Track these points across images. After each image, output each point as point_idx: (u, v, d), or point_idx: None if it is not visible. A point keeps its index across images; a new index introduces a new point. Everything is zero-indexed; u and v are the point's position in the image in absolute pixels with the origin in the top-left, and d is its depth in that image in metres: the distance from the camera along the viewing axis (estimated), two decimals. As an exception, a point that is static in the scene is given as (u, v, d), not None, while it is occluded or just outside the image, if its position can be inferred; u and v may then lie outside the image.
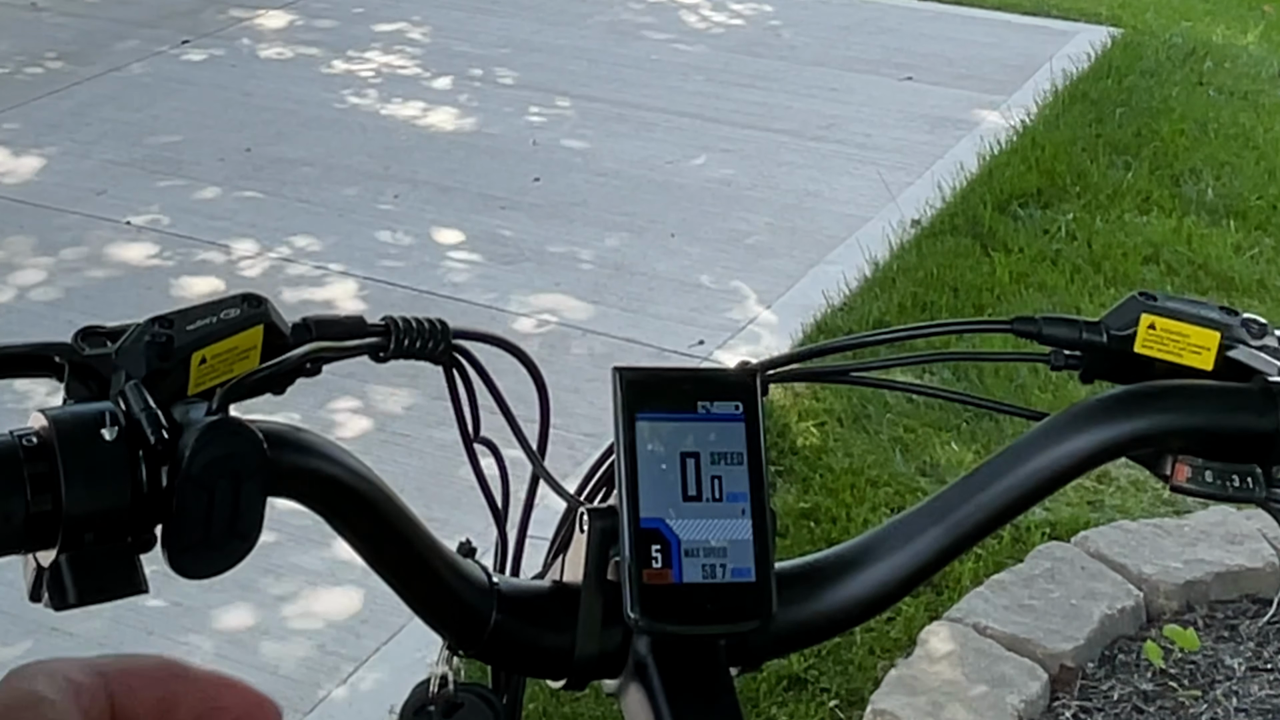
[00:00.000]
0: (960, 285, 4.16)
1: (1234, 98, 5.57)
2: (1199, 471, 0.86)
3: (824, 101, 5.59)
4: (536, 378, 0.88)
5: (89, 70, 5.72)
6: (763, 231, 4.59)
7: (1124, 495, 3.26)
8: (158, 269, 4.26)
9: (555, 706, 2.64)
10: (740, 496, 0.79)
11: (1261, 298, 4.16)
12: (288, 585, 3.00)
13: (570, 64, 5.90)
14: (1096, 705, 2.63)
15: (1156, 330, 0.88)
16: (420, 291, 4.15)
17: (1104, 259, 4.33)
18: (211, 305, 0.76)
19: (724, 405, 0.80)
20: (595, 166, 5.00)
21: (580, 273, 4.29)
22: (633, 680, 0.80)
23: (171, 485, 0.68)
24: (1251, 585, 2.90)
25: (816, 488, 3.28)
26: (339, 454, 0.75)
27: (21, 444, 0.67)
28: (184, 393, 0.74)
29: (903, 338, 0.96)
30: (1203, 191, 4.78)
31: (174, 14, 6.33)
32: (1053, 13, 6.57)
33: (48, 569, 0.68)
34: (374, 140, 5.15)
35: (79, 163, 4.93)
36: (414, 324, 0.82)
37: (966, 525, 0.85)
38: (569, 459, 3.12)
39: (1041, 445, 0.85)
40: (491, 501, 0.88)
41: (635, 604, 0.76)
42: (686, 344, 3.93)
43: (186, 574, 0.70)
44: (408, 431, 3.50)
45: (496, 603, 0.80)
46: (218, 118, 5.32)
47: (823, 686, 2.73)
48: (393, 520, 0.78)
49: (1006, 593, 2.83)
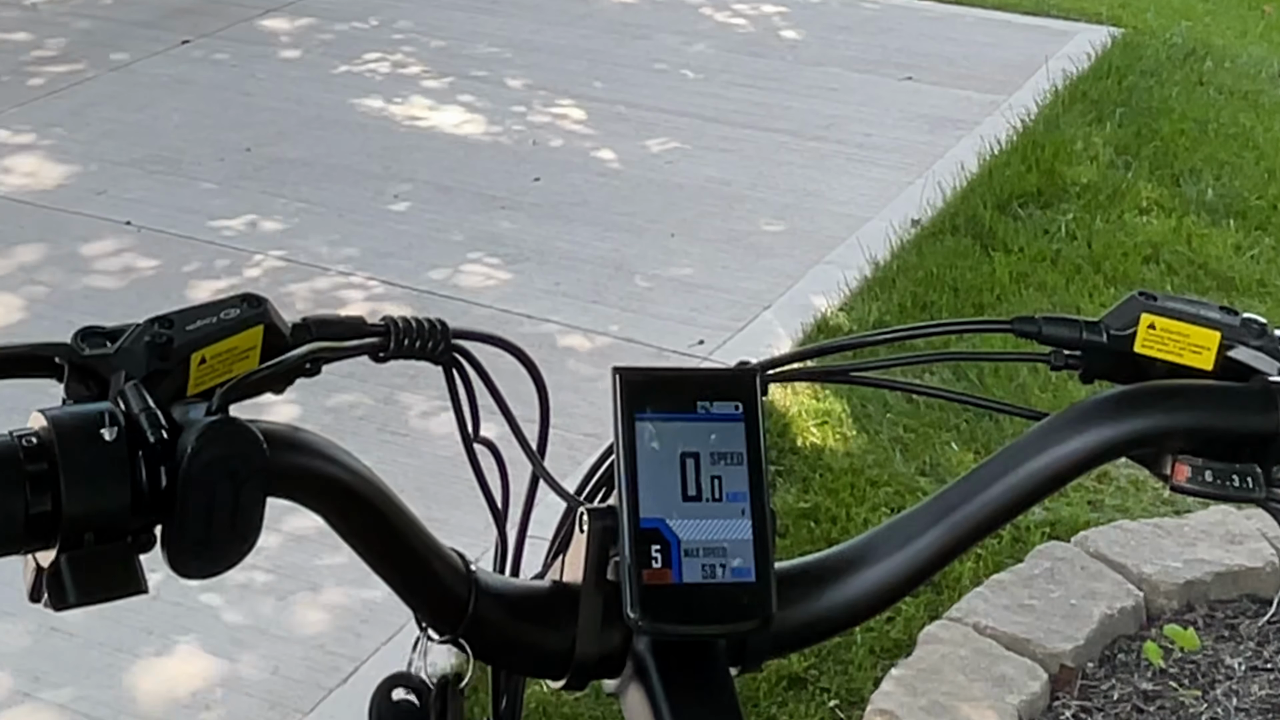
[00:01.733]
0: (960, 285, 4.16)
1: (1234, 97, 5.57)
2: (1199, 471, 0.86)
3: (824, 101, 5.59)
4: (536, 377, 0.88)
5: (89, 70, 5.72)
6: (762, 231, 4.59)
7: (1124, 495, 3.26)
8: (158, 269, 4.26)
9: (555, 706, 2.64)
10: (740, 496, 0.79)
11: (1261, 297, 4.16)
12: (289, 584, 3.00)
13: (570, 64, 5.90)
14: (1096, 705, 2.63)
15: (1157, 330, 0.88)
16: (420, 291, 4.15)
17: (1104, 259, 4.33)
18: (211, 306, 0.77)
19: (724, 405, 0.80)
20: (595, 166, 5.00)
21: (580, 272, 4.29)
22: (633, 680, 0.80)
23: (171, 485, 0.68)
24: (1251, 585, 2.90)
25: (816, 487, 3.28)
26: (339, 454, 0.75)
27: (21, 444, 0.67)
28: (184, 393, 0.75)
29: (903, 337, 0.96)
30: (1203, 191, 4.78)
31: (174, 14, 6.32)
32: (1053, 13, 6.57)
33: (47, 569, 0.68)
34: (374, 140, 5.15)
35: (79, 162, 4.93)
36: (414, 324, 0.82)
37: (966, 525, 0.85)
38: (569, 459, 3.12)
39: (1041, 445, 0.85)
40: (491, 501, 0.88)
41: (635, 604, 0.76)
42: (686, 344, 3.93)
43: (186, 574, 0.70)
44: (407, 431, 3.50)
45: (479, 594, 0.80)
46: (218, 117, 5.32)
47: (823, 686, 2.73)
48: (390, 519, 0.78)
49: (1006, 593, 2.82)
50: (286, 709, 2.72)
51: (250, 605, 2.95)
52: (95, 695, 2.73)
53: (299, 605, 2.97)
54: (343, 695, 2.75)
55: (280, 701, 2.73)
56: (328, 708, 2.72)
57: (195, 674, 2.79)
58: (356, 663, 2.82)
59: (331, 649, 2.86)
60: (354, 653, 2.84)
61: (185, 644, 2.85)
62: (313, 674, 2.80)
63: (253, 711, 2.71)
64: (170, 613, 2.91)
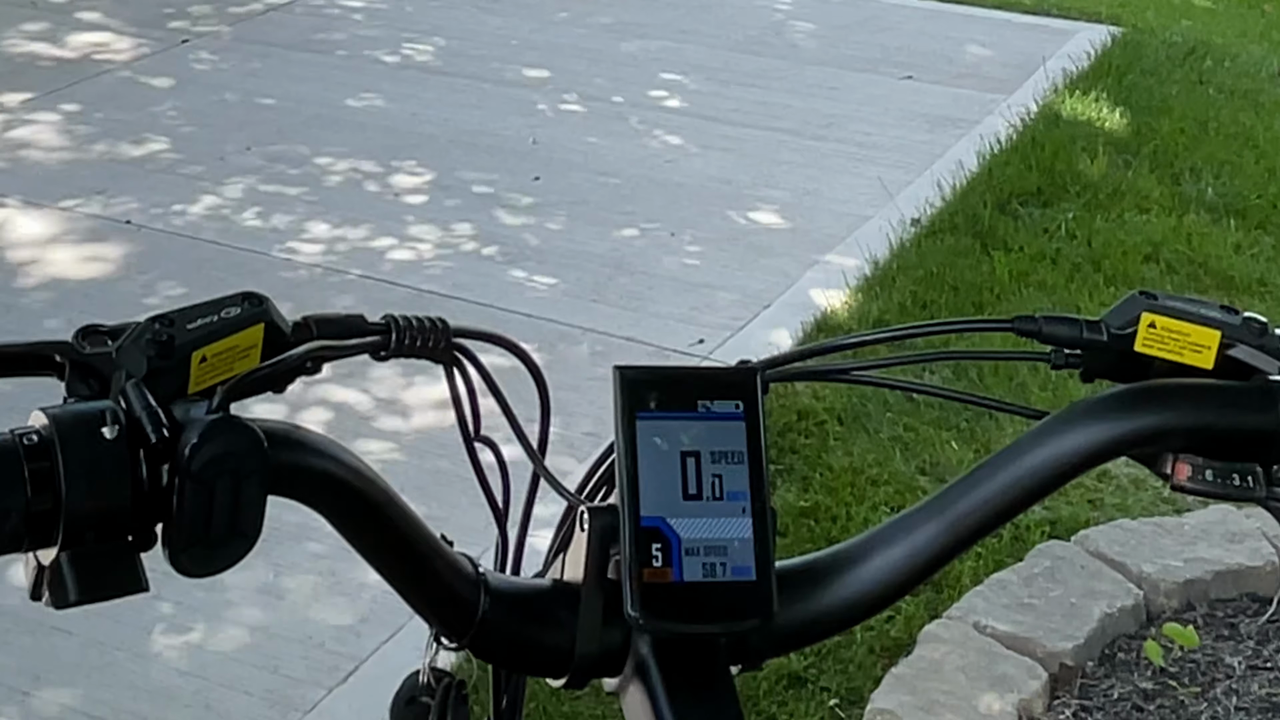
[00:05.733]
0: (960, 284, 4.16)
1: (1234, 96, 5.57)
2: (1199, 470, 0.86)
3: (824, 100, 5.59)
4: (537, 376, 0.88)
5: (89, 68, 5.71)
6: (763, 230, 4.59)
7: (1124, 494, 3.26)
8: (158, 268, 4.26)
9: (555, 705, 2.64)
10: (740, 495, 0.79)
11: (1262, 296, 4.16)
12: (289, 582, 3.00)
13: (570, 62, 5.90)
14: (1096, 704, 2.63)
15: (1157, 329, 0.88)
16: (420, 290, 4.15)
17: (1104, 258, 4.33)
18: (212, 304, 0.77)
19: (724, 404, 0.80)
20: (595, 165, 5.00)
21: (580, 271, 4.29)
22: (633, 679, 0.80)
23: (172, 483, 0.68)
24: (1251, 584, 2.90)
25: (816, 486, 3.28)
26: (340, 452, 0.75)
27: (22, 442, 0.67)
28: (184, 391, 0.75)
29: (903, 336, 0.96)
30: (1203, 190, 4.78)
31: (174, 13, 6.32)
32: (1053, 12, 6.57)
33: (48, 567, 0.68)
34: (374, 139, 5.15)
35: (79, 161, 4.93)
36: (414, 322, 0.82)
37: (967, 524, 0.85)
38: (569, 458, 3.12)
39: (1042, 444, 0.85)
40: (492, 500, 0.88)
41: (635, 602, 0.76)
42: (686, 343, 3.93)
43: (187, 572, 0.70)
44: (408, 430, 3.50)
45: (490, 599, 0.80)
46: (218, 116, 5.32)
47: (823, 685, 2.73)
48: (392, 518, 0.78)
49: (1006, 592, 2.82)
50: (286, 708, 2.72)
51: (250, 604, 2.95)
52: (95, 694, 2.73)
53: (299, 604, 2.97)
54: (343, 694, 2.75)
55: (280, 700, 2.73)
56: (328, 707, 2.72)
57: (195, 673, 2.79)
58: (357, 662, 2.82)
59: (332, 648, 2.86)
60: (354, 651, 2.84)
61: (185, 643, 2.85)
62: (313, 673, 2.80)
63: (253, 711, 2.71)
64: (170, 611, 2.91)
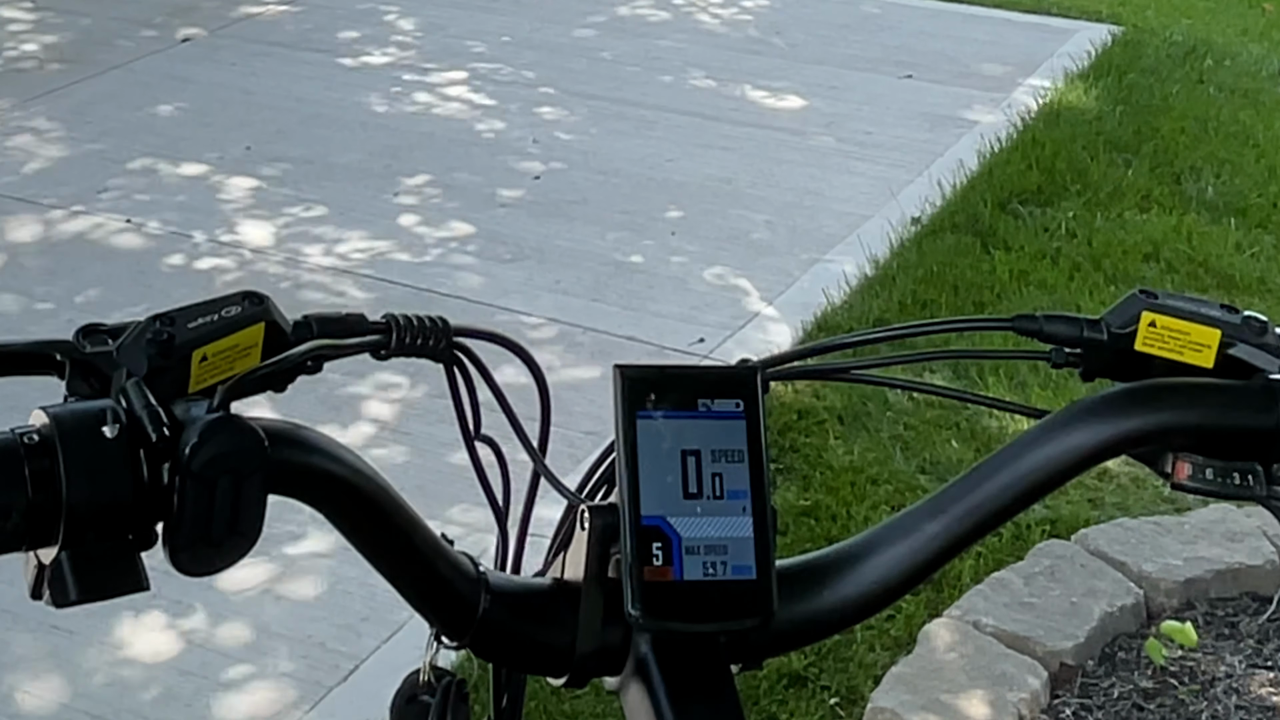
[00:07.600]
0: (960, 283, 4.16)
1: (1234, 95, 5.57)
2: (1200, 469, 0.86)
3: (824, 99, 5.59)
4: (537, 375, 0.88)
5: (89, 68, 5.71)
6: (763, 229, 4.59)
7: (1124, 493, 3.26)
8: (158, 267, 4.26)
9: (555, 704, 2.64)
10: (741, 494, 0.79)
11: (1262, 295, 4.16)
12: (289, 582, 3.00)
13: (570, 62, 5.90)
14: (1096, 703, 2.63)
15: (1157, 328, 0.88)
16: (421, 289, 4.15)
17: (1104, 257, 4.33)
18: (212, 303, 0.77)
19: (725, 403, 0.80)
20: (596, 164, 5.00)
21: (580, 270, 4.29)
22: (634, 677, 0.80)
23: (172, 482, 0.68)
24: (1251, 583, 2.90)
25: (817, 485, 3.28)
26: (340, 451, 0.75)
27: (23, 441, 0.67)
28: (185, 390, 0.75)
29: (903, 335, 0.96)
30: (1203, 189, 4.78)
31: (174, 12, 6.32)
32: (1053, 11, 6.57)
33: (49, 566, 0.68)
34: (374, 138, 5.15)
35: (80, 161, 4.93)
36: (415, 321, 0.82)
37: (967, 523, 0.85)
38: (570, 457, 3.12)
39: (1042, 443, 0.85)
40: (492, 499, 0.88)
41: (636, 601, 0.76)
42: (687, 342, 3.93)
43: (187, 571, 0.70)
44: (409, 429, 3.50)
45: (490, 598, 0.80)
46: (217, 116, 5.32)
47: (823, 684, 2.73)
48: (393, 517, 0.78)
49: (1006, 590, 2.82)
50: (286, 707, 2.72)
51: (250, 603, 2.95)
52: (95, 693, 2.74)
53: (299, 603, 2.97)
54: (343, 694, 2.75)
55: (280, 699, 2.73)
56: (327, 706, 2.72)
57: (195, 672, 2.79)
58: (356, 661, 2.82)
59: (332, 647, 2.86)
60: (354, 651, 2.84)
61: (185, 643, 2.85)
62: (313, 672, 2.80)
63: (253, 710, 2.71)
64: (170, 610, 2.91)
